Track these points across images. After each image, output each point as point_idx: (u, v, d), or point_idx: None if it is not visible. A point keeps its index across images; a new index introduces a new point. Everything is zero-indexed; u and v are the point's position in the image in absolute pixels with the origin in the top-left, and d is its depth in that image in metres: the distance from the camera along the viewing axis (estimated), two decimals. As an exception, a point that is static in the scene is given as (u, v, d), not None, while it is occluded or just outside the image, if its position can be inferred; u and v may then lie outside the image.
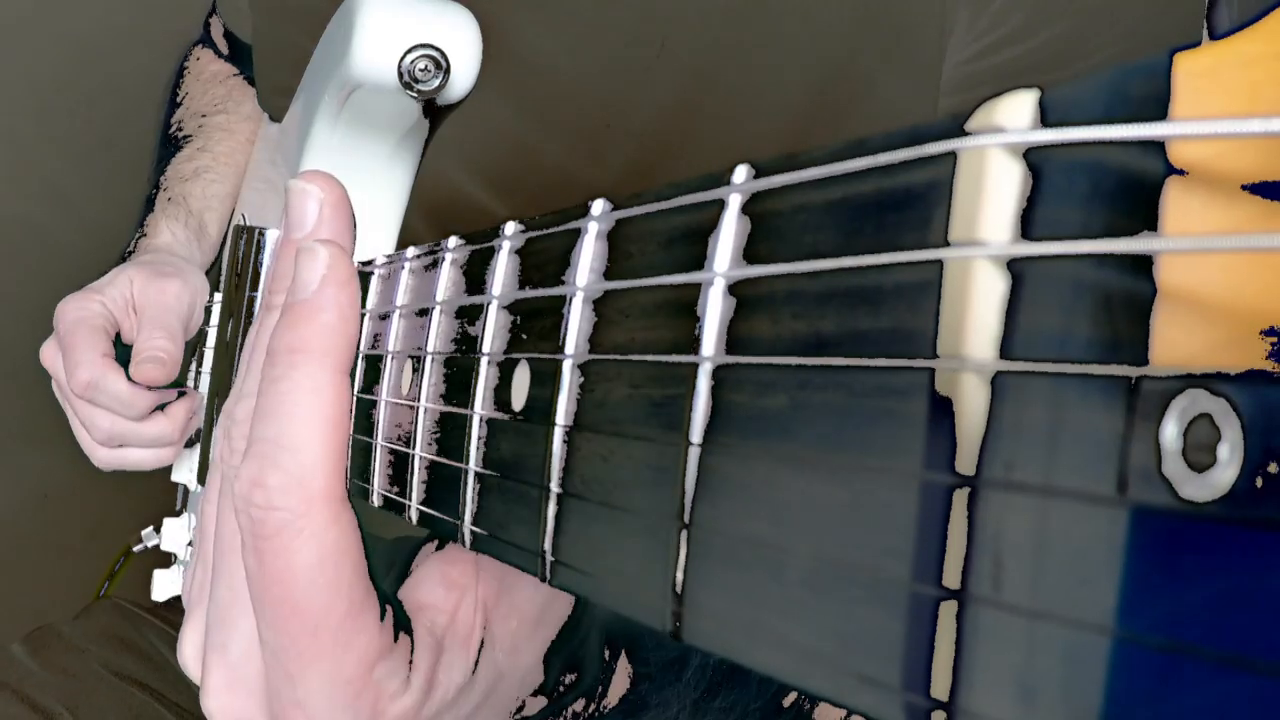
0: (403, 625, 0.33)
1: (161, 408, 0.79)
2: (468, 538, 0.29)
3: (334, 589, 0.30)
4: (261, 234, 0.37)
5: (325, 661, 0.30)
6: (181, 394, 0.80)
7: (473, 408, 0.29)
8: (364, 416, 0.37)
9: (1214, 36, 0.12)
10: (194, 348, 0.85)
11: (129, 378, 0.75)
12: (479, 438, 0.29)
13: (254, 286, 0.37)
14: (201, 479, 0.41)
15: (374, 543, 0.32)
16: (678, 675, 0.50)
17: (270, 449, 0.30)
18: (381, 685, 0.31)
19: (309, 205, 0.33)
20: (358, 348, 0.32)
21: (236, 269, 0.38)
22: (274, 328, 0.31)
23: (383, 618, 0.32)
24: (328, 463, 0.30)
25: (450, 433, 0.31)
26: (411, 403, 0.33)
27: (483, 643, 0.35)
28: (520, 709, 0.38)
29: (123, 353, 0.77)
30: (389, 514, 0.35)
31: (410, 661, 0.33)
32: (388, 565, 0.35)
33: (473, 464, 0.29)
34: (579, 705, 0.42)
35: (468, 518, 0.29)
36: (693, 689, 0.51)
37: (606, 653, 0.43)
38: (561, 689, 0.39)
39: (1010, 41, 0.52)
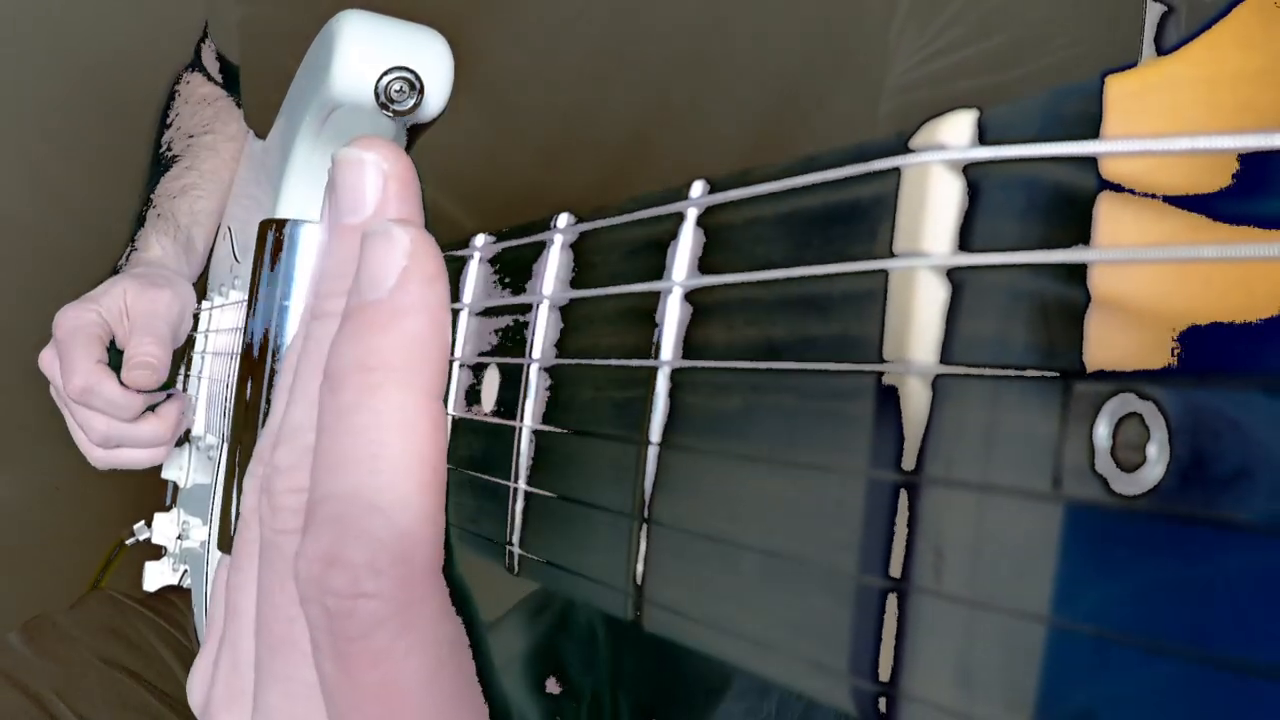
0: None
1: (152, 408, 0.78)
2: (440, 532, 0.28)
3: (454, 708, 0.21)
4: (294, 228, 0.27)
5: None
6: (170, 395, 0.80)
7: (446, 408, 0.28)
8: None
9: (1161, 53, 0.12)
10: (183, 354, 0.85)
11: (121, 382, 0.74)
12: (451, 437, 0.28)
13: (284, 294, 0.28)
14: (223, 543, 0.29)
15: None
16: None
17: (349, 509, 0.20)
18: None
19: (367, 180, 0.23)
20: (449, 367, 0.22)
21: (259, 274, 0.28)
22: (336, 340, 0.21)
23: None
24: (431, 525, 0.21)
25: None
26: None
27: None
28: None
29: (116, 358, 0.77)
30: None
31: None
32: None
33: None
34: None
35: (440, 513, 0.28)
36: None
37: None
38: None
39: (951, 50, 0.52)
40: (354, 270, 0.22)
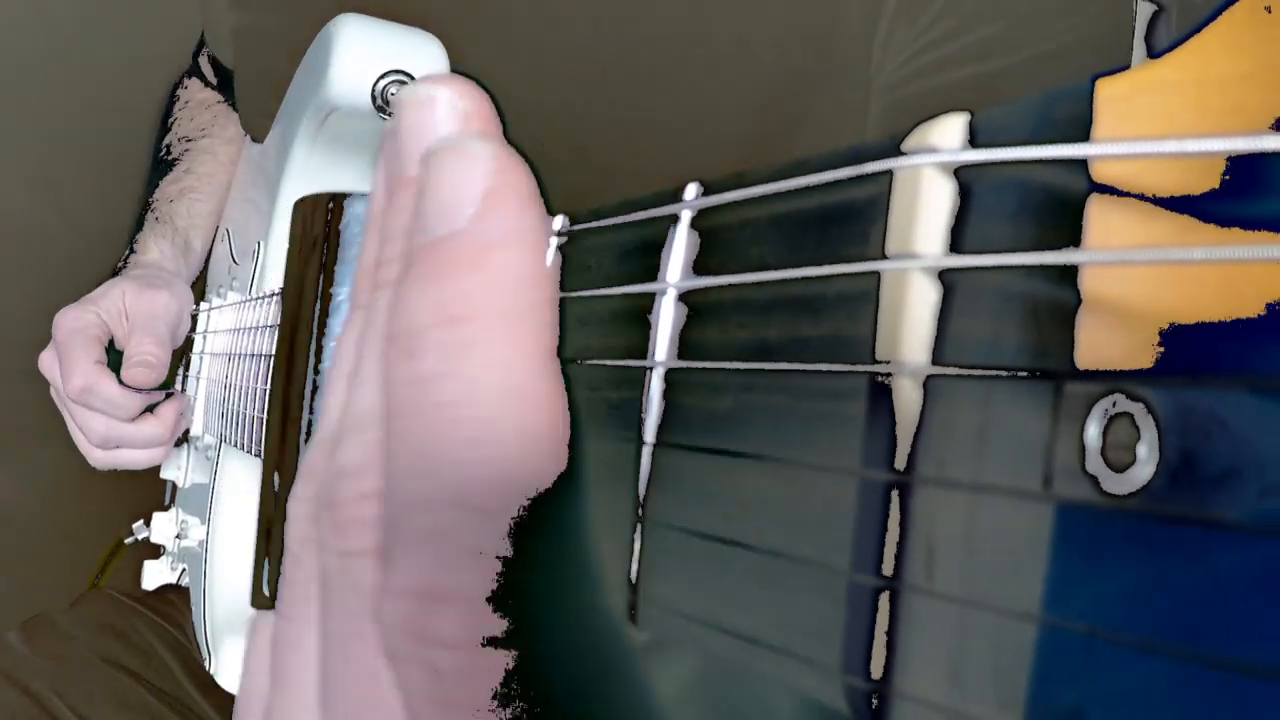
0: None
1: (151, 409, 0.79)
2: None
3: None
4: (341, 201, 0.23)
5: None
6: (169, 395, 0.80)
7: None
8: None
9: (1152, 54, 0.12)
10: (182, 354, 0.85)
11: (120, 382, 0.75)
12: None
13: (330, 281, 0.23)
14: (258, 599, 0.24)
15: None
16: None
17: (449, 520, 0.14)
18: None
19: (440, 120, 0.17)
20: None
21: (297, 261, 0.24)
22: (401, 293, 0.15)
23: None
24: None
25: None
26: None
27: None
28: None
29: (115, 359, 0.77)
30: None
31: None
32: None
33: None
34: None
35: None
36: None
37: None
38: None
39: (939, 43, 0.52)
40: None
